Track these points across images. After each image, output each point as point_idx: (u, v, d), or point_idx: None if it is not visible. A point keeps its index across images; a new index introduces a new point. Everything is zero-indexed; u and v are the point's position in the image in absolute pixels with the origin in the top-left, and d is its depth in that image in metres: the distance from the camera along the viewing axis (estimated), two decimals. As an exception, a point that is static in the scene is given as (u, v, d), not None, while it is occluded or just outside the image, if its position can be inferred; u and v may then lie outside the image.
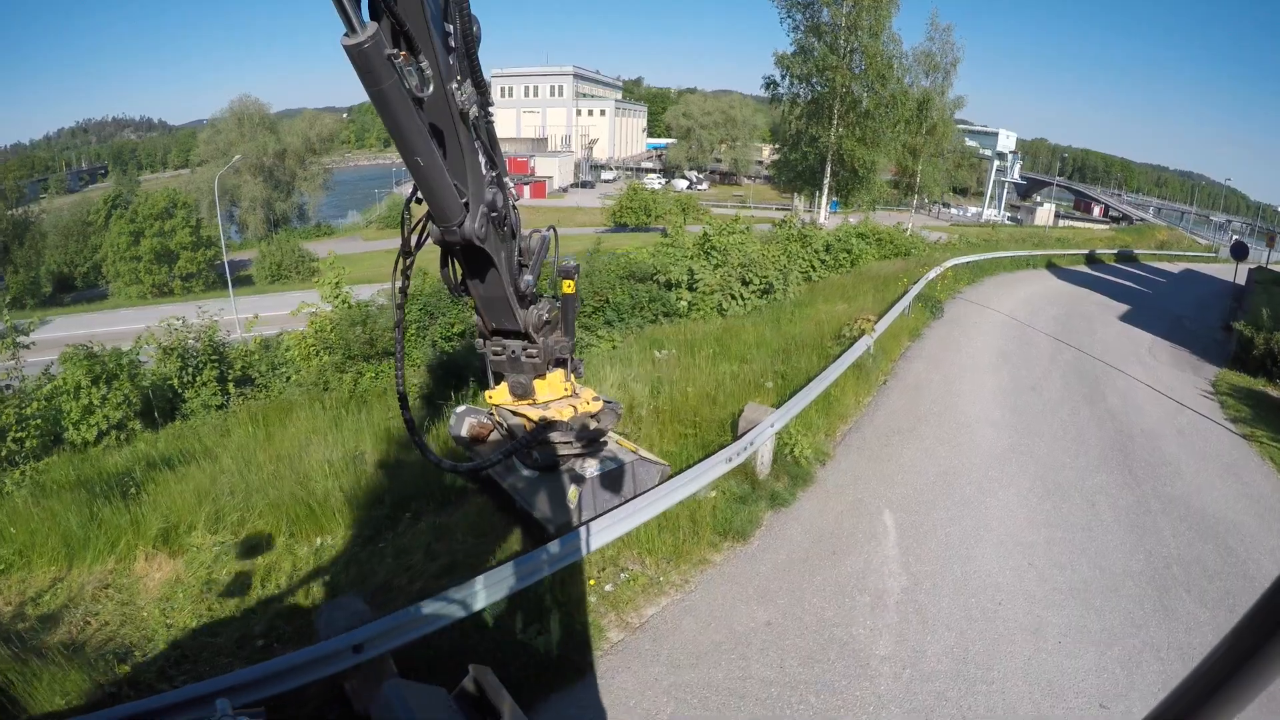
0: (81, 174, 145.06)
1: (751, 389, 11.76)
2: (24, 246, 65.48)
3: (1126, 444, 12.10)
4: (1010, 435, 12.10)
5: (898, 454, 11.14)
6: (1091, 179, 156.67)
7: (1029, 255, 35.78)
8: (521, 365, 6.82)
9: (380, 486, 9.16)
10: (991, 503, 9.67)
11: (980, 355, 17.00)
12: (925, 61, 43.41)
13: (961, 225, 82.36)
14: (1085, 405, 13.97)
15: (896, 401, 13.46)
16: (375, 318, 18.67)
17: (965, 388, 14.48)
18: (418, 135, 4.25)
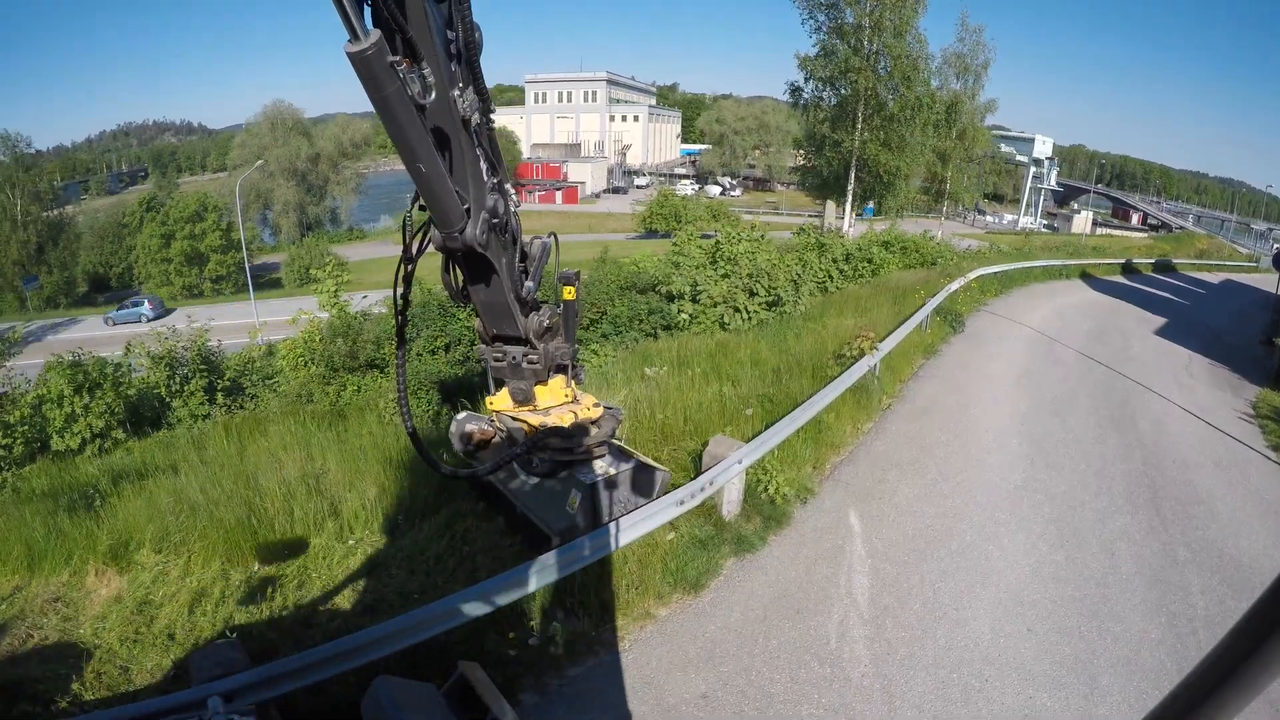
0: (122, 176, 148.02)
1: (729, 417, 10.72)
2: (59, 247, 66.06)
3: (1156, 478, 10.91)
4: (1025, 469, 10.93)
5: (893, 491, 10.04)
6: (1130, 186, 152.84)
7: (1062, 265, 34.20)
8: (522, 371, 6.84)
9: (329, 510, 8.55)
10: (993, 551, 8.54)
11: (1001, 375, 15.79)
12: (956, 64, 42.18)
13: (997, 233, 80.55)
14: (1113, 431, 12.77)
15: (900, 429, 12.35)
16: (358, 330, 18.23)
17: (980, 412, 13.31)
18: (420, 142, 4.26)
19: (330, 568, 7.67)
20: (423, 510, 8.58)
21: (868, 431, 12.08)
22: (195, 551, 7.92)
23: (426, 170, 4.44)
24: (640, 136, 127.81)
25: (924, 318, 17.49)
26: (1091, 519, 9.48)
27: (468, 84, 4.63)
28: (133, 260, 69.36)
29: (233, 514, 8.33)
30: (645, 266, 21.64)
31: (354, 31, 3.59)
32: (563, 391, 7.39)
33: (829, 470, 10.62)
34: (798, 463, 10.06)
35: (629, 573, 7.33)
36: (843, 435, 11.49)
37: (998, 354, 17.54)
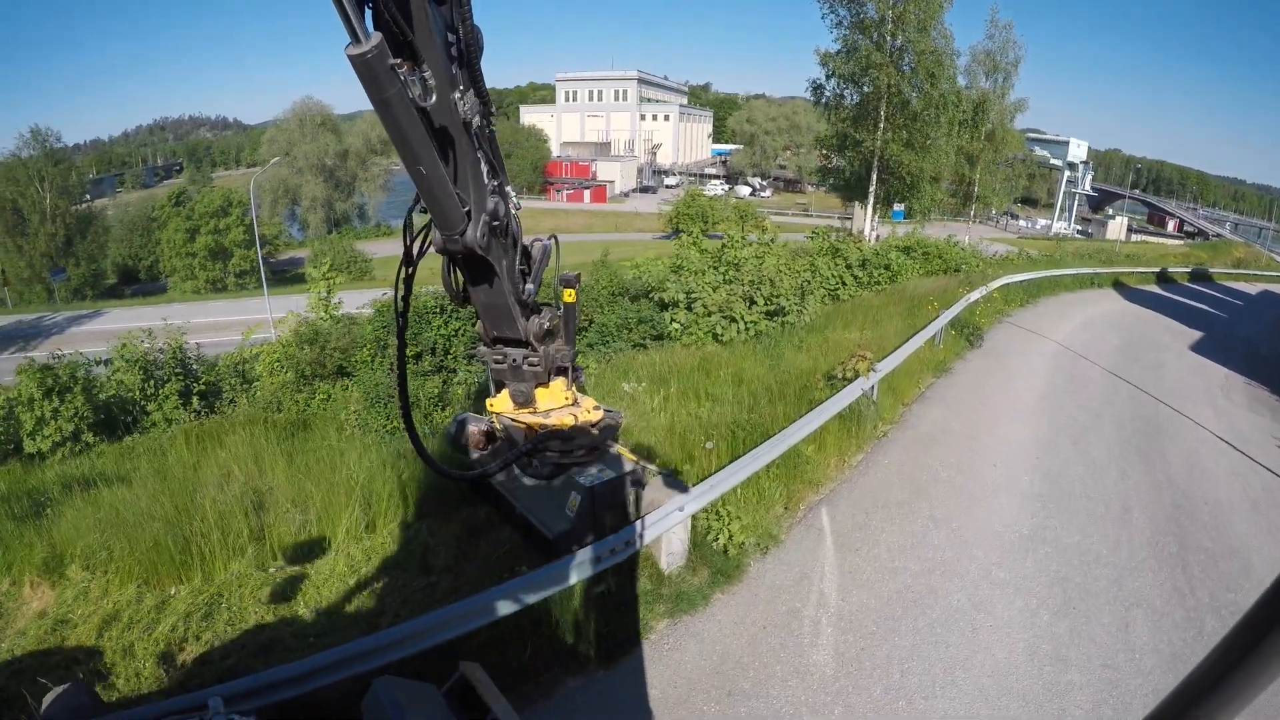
0: (157, 170, 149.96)
1: (690, 449, 9.52)
2: (86, 240, 66.78)
3: (1185, 524, 9.58)
4: (1034, 513, 9.61)
5: (873, 540, 8.75)
6: (1166, 192, 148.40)
7: (1093, 273, 32.53)
8: (523, 373, 6.79)
9: (252, 534, 7.95)
10: (984, 622, 7.23)
11: (1018, 397, 14.41)
12: (985, 62, 40.45)
13: (1029, 238, 78.52)
14: (1139, 465, 11.43)
15: (894, 462, 11.01)
16: (326, 337, 17.56)
17: (990, 441, 11.96)
18: (420, 144, 4.21)
19: (241, 599, 7.08)
20: (353, 538, 7.98)
21: (856, 465, 10.77)
22: (116, 571, 7.48)
23: (427, 172, 4.39)
24: (671, 136, 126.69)
25: (937, 332, 16.18)
26: (1106, 579, 8.17)
27: (468, 86, 4.58)
28: (159, 253, 69.65)
29: (156, 533, 7.75)
30: (646, 270, 20.48)
31: (355, 34, 3.53)
32: (563, 394, 7.31)
33: (802, 513, 9.35)
34: (765, 503, 8.85)
35: (541, 633, 6.32)
36: (824, 470, 10.22)
37: (1017, 372, 16.15)
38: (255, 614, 6.89)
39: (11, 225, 64.03)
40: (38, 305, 58.08)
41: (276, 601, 7.05)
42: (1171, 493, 10.58)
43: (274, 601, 7.05)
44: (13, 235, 63.91)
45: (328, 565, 7.51)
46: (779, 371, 12.97)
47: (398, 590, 7.14)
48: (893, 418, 12.52)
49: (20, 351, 43.48)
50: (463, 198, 4.87)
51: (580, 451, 7.48)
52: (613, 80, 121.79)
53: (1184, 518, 9.79)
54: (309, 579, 7.31)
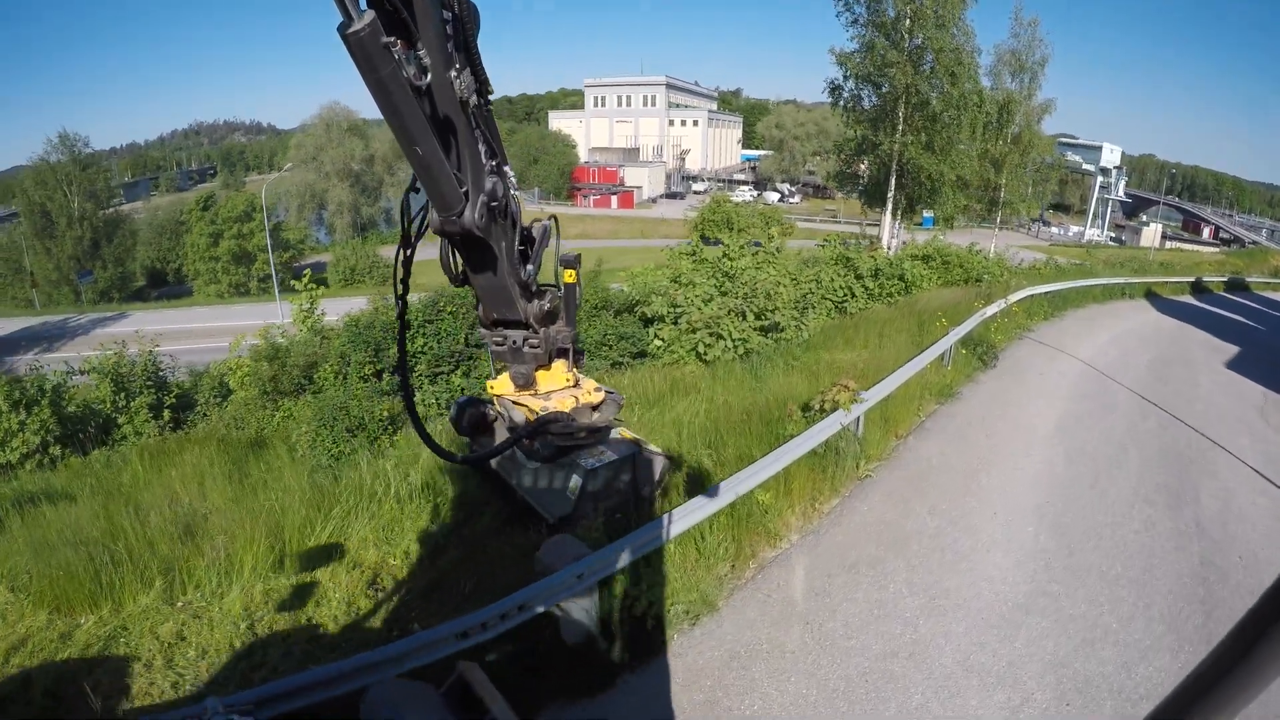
0: (191, 174, 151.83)
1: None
2: (113, 243, 68.06)
3: (1215, 587, 8.05)
4: (1035, 575, 8.12)
5: (832, 610, 7.33)
6: (1201, 198, 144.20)
7: (1124, 283, 30.67)
8: (523, 356, 6.73)
9: (162, 566, 7.37)
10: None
11: (1032, 426, 12.84)
12: (1011, 61, 38.52)
13: (1061, 245, 76.30)
14: (1165, 511, 9.88)
15: (874, 510, 9.51)
16: (285, 354, 17.20)
17: (992, 482, 10.42)
18: (416, 124, 4.07)
19: (141, 635, 6.60)
20: (259, 575, 7.37)
21: (827, 514, 9.29)
22: (34, 595, 7.10)
23: (423, 153, 4.25)
24: (699, 141, 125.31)
25: (946, 350, 14.68)
26: (1113, 662, 6.69)
27: (465, 65, 4.42)
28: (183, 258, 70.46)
29: (68, 559, 7.39)
30: (642, 281, 19.13)
31: (347, 12, 3.45)
32: (564, 376, 7.32)
33: (751, 573, 7.95)
34: (707, 561, 7.51)
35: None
36: (787, 520, 8.79)
37: (1033, 396, 14.56)
38: (148, 652, 6.40)
39: (40, 229, 65.61)
40: (65, 307, 59.30)
41: (170, 640, 6.54)
42: (1201, 544, 9.05)
43: (167, 640, 6.53)
44: (41, 238, 65.39)
45: (228, 605, 6.88)
46: (759, 397, 11.59)
47: (282, 641, 6.51)
48: (881, 453, 11.02)
49: (45, 352, 44.35)
50: (460, 178, 4.71)
51: (581, 434, 7.41)
52: (641, 86, 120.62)
53: (1214, 578, 8.27)
54: (208, 618, 6.75)
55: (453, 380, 15.63)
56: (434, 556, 7.80)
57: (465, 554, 7.82)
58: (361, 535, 7.96)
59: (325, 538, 7.79)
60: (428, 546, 7.92)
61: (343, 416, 13.54)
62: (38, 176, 65.82)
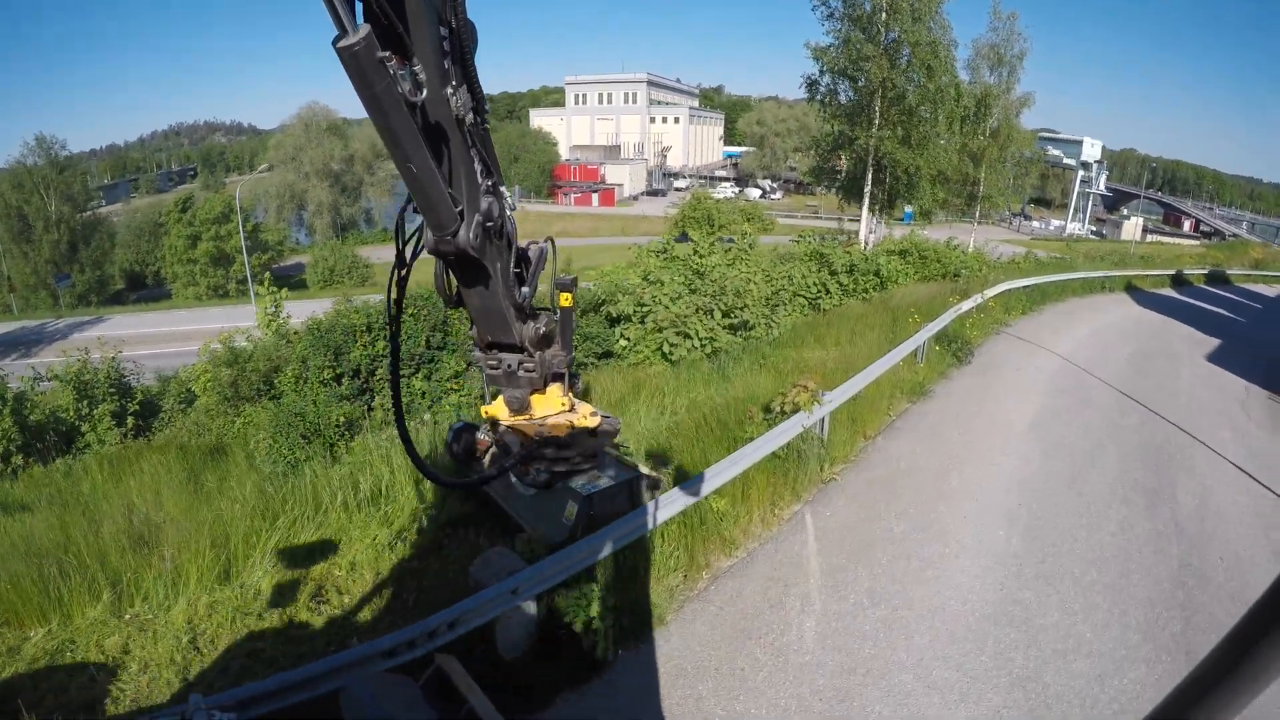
0: (171, 175, 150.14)
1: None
2: (90, 247, 66.78)
3: (1194, 591, 7.65)
4: (1005, 582, 7.68)
5: (785, 624, 6.85)
6: (1182, 191, 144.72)
7: (1104, 277, 30.37)
8: (518, 380, 6.58)
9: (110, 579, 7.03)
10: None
11: (1007, 424, 12.40)
12: (989, 55, 38.09)
13: (1042, 239, 76.23)
14: (1143, 511, 9.48)
15: (837, 515, 9.04)
16: (244, 360, 16.60)
17: (963, 483, 9.97)
18: (410, 141, 3.98)
19: (88, 648, 6.40)
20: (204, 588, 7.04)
21: (787, 520, 8.79)
22: None
23: (418, 171, 4.16)
24: (681, 138, 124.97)
25: (919, 347, 14.25)
26: (1086, 675, 6.25)
27: (461, 82, 4.32)
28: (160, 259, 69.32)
29: (15, 571, 7.03)
30: (613, 279, 18.61)
31: (342, 26, 3.31)
32: (559, 400, 7.12)
33: (703, 584, 7.46)
34: (657, 572, 7.05)
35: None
36: (744, 527, 8.31)
37: (1009, 393, 14.14)
38: (93, 666, 6.22)
39: (17, 232, 64.23)
40: (43, 311, 58.37)
41: (115, 654, 6.34)
42: (1180, 545, 8.65)
43: (112, 654, 6.34)
44: (18, 242, 64.06)
45: (173, 618, 6.64)
46: (723, 397, 11.11)
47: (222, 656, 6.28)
48: (848, 455, 10.55)
49: (22, 358, 43.75)
50: (455, 197, 4.61)
51: (577, 458, 7.27)
52: (622, 83, 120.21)
53: (1193, 581, 7.86)
54: (153, 631, 6.51)
55: (413, 384, 15.11)
56: (379, 567, 7.44)
57: (412, 564, 7.48)
58: (308, 545, 7.61)
59: (271, 547, 7.44)
60: (374, 556, 7.54)
61: (298, 423, 13.17)
62: (14, 180, 64.64)
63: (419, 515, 8.17)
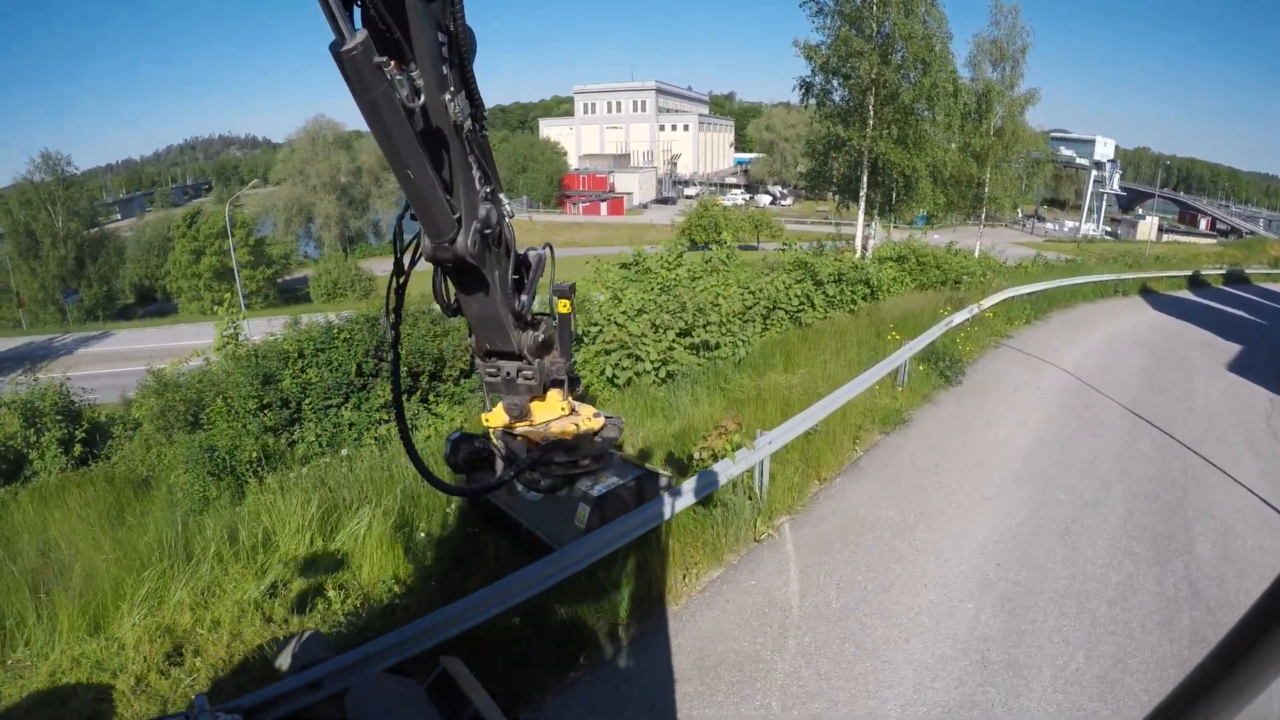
0: (186, 189, 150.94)
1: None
2: (98, 262, 66.99)
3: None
4: (964, 677, 5.99)
5: None
6: (1197, 189, 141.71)
7: (1117, 280, 28.49)
8: (517, 387, 6.38)
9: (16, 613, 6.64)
10: None
11: (995, 459, 10.66)
12: (991, 50, 36.21)
13: (1056, 241, 74.16)
14: (1150, 568, 7.81)
15: (762, 585, 7.32)
16: (173, 389, 15.93)
17: (932, 540, 8.23)
18: (408, 147, 3.92)
19: None
20: (76, 637, 6.38)
21: (701, 590, 7.16)
22: None
23: (415, 177, 4.05)
24: (690, 146, 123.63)
25: (900, 367, 12.60)
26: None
27: (459, 88, 4.17)
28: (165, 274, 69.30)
29: None
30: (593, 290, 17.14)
31: (340, 31, 3.32)
32: (559, 405, 6.96)
33: (571, 681, 5.88)
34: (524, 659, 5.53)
35: None
36: (643, 604, 6.75)
37: (1002, 419, 12.37)
38: None
39: (25, 248, 64.64)
40: (51, 326, 58.12)
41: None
42: (1194, 613, 7.01)
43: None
44: (26, 258, 64.39)
45: (40, 669, 6.02)
46: (660, 435, 9.51)
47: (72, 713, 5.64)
48: (793, 504, 8.79)
49: (26, 373, 43.44)
50: (453, 204, 4.48)
51: (584, 461, 7.14)
52: (631, 91, 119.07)
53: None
54: (25, 681, 5.94)
55: (342, 414, 13.68)
56: (240, 627, 6.53)
57: (274, 625, 6.58)
58: (178, 598, 6.73)
59: (141, 598, 6.70)
60: (237, 615, 6.63)
61: (204, 459, 12.30)
62: (22, 196, 64.90)
63: (295, 567, 7.21)
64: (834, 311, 18.31)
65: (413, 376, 14.38)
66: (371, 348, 14.31)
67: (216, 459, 12.15)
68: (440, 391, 14.37)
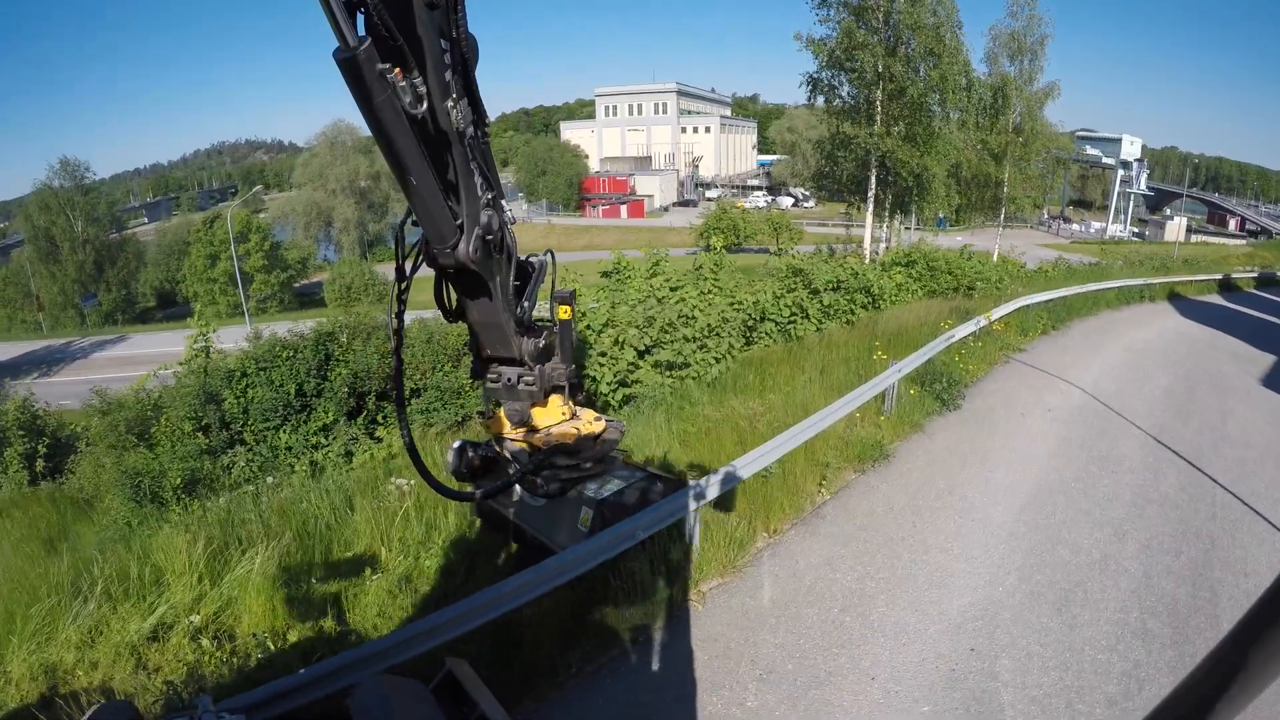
0: (212, 193, 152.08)
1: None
2: (117, 266, 67.59)
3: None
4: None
5: None
6: (1226, 189, 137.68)
7: (1143, 284, 26.58)
8: (518, 393, 6.35)
9: None
10: None
11: (986, 507, 8.99)
12: (1009, 43, 34.31)
13: (1082, 242, 71.83)
14: (1167, 651, 6.29)
15: (665, 677, 5.81)
16: (117, 408, 15.36)
17: (893, 618, 6.65)
18: (410, 154, 3.93)
19: None
20: None
21: (592, 671, 5.78)
22: None
23: (417, 183, 4.09)
24: (712, 148, 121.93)
25: (888, 389, 11.08)
26: None
27: (461, 95, 4.13)
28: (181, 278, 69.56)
29: None
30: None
31: (343, 38, 3.33)
32: (560, 411, 6.78)
33: None
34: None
35: None
36: (509, 699, 5.26)
37: (1001, 453, 10.70)
38: None
39: (45, 253, 65.25)
40: (70, 330, 58.96)
41: None
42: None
43: None
44: (46, 263, 64.98)
45: None
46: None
47: None
48: (730, 565, 7.23)
49: (42, 377, 43.62)
50: (455, 210, 4.46)
51: (587, 465, 7.03)
52: (652, 93, 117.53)
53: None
54: None
55: (280, 438, 12.44)
56: (114, 673, 5.94)
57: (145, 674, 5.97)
58: (65, 635, 6.14)
59: (29, 635, 6.18)
60: (112, 659, 6.00)
61: (128, 482, 11.80)
62: (41, 201, 65.39)
63: (182, 609, 6.50)
64: (830, 322, 16.77)
65: (358, 397, 13.13)
66: (314, 366, 13.08)
67: (139, 485, 11.62)
68: (389, 413, 13.13)
